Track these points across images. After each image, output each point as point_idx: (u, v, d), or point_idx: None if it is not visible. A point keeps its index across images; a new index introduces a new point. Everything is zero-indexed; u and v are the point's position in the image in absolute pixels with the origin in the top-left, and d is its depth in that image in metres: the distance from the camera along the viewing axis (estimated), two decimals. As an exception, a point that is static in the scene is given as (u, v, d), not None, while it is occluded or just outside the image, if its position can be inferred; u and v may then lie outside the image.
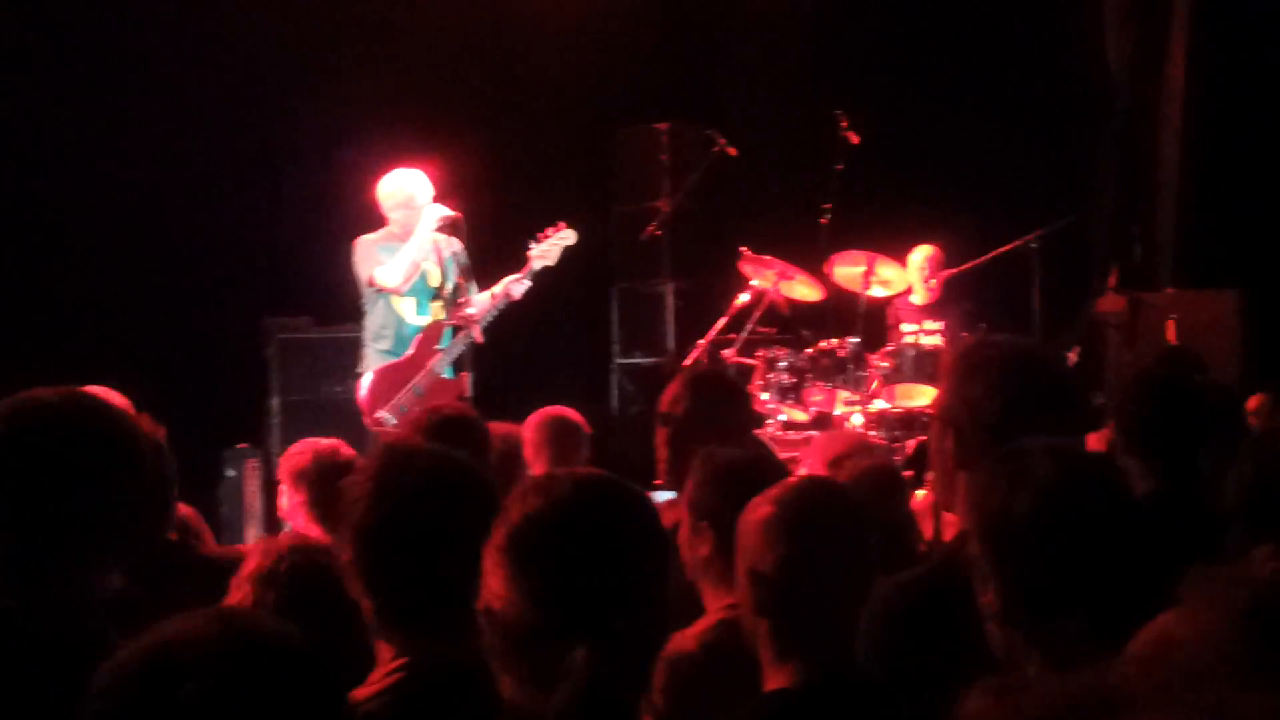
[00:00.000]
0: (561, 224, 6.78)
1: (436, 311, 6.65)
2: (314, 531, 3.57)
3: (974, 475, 1.93)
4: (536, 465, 4.66)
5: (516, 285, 6.64)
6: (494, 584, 1.85)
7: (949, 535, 3.19)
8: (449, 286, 6.66)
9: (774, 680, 2.22)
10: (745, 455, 2.95)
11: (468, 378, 6.62)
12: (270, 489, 7.57)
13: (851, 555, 2.24)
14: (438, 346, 6.60)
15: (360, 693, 2.18)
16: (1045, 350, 3.33)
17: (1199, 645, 1.07)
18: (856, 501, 2.35)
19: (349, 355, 6.85)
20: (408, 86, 8.67)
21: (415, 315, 6.65)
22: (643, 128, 9.68)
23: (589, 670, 1.76)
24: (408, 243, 6.54)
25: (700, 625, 2.67)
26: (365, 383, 6.56)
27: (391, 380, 6.52)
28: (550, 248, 6.71)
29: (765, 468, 2.84)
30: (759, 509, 2.27)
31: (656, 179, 9.50)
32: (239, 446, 7.77)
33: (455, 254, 6.69)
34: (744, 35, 9.94)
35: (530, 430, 4.79)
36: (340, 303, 7.33)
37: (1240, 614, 1.07)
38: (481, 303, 6.61)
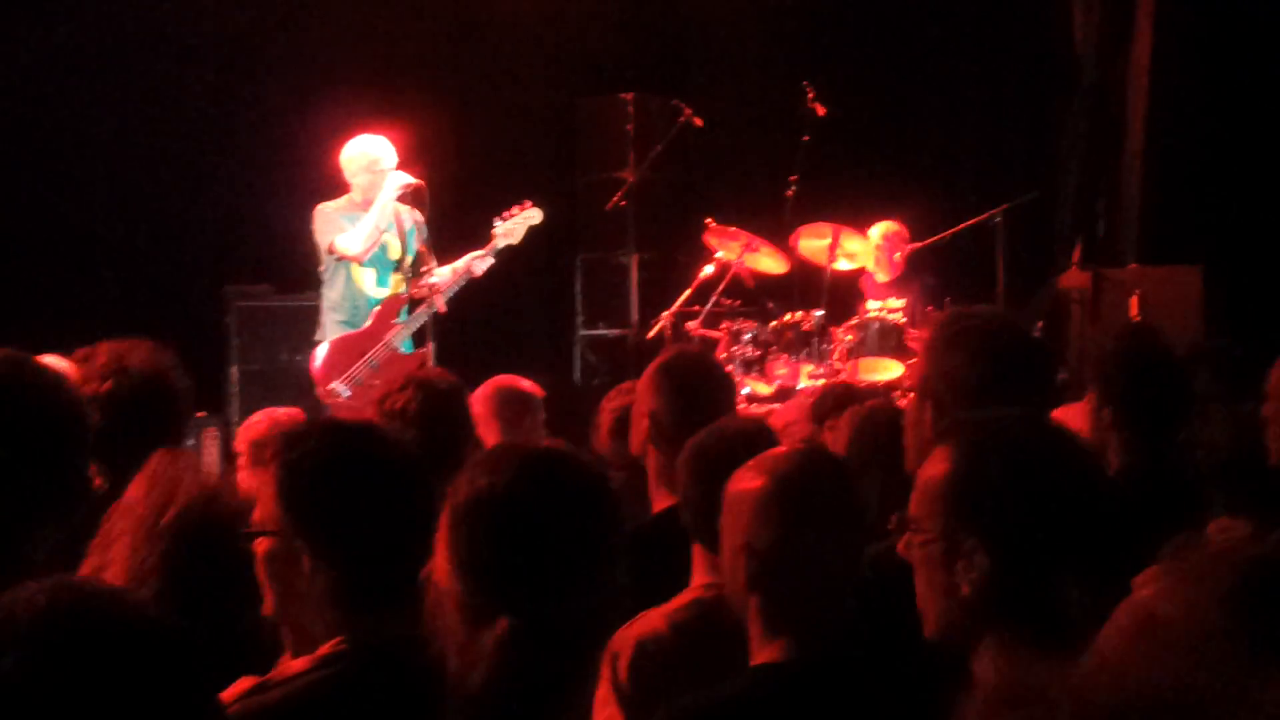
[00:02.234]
0: (527, 202, 6.73)
1: (396, 284, 6.59)
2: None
3: (952, 446, 1.89)
4: (486, 437, 4.58)
5: (479, 262, 6.59)
6: (439, 559, 1.84)
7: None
8: (409, 258, 6.59)
9: (762, 656, 2.18)
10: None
11: (428, 351, 6.56)
12: (229, 458, 7.51)
13: (846, 529, 2.21)
14: (395, 320, 6.54)
15: (296, 665, 2.14)
16: (1019, 323, 3.33)
17: (1182, 623, 1.05)
18: (851, 472, 2.32)
19: (309, 324, 6.78)
20: (371, 53, 8.59)
21: (375, 287, 6.59)
22: (608, 98, 9.62)
23: (504, 647, 1.75)
24: (369, 210, 6.46)
25: (672, 604, 2.63)
26: (320, 353, 6.50)
27: (347, 352, 6.46)
28: (515, 226, 6.67)
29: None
30: (752, 481, 2.22)
31: (621, 150, 9.44)
32: (197, 415, 7.68)
33: (417, 224, 6.62)
34: (710, 5, 9.87)
35: (478, 402, 4.68)
36: (300, 271, 7.26)
37: (1224, 591, 1.05)
38: (443, 275, 6.55)
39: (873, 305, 7.92)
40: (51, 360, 2.85)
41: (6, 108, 7.62)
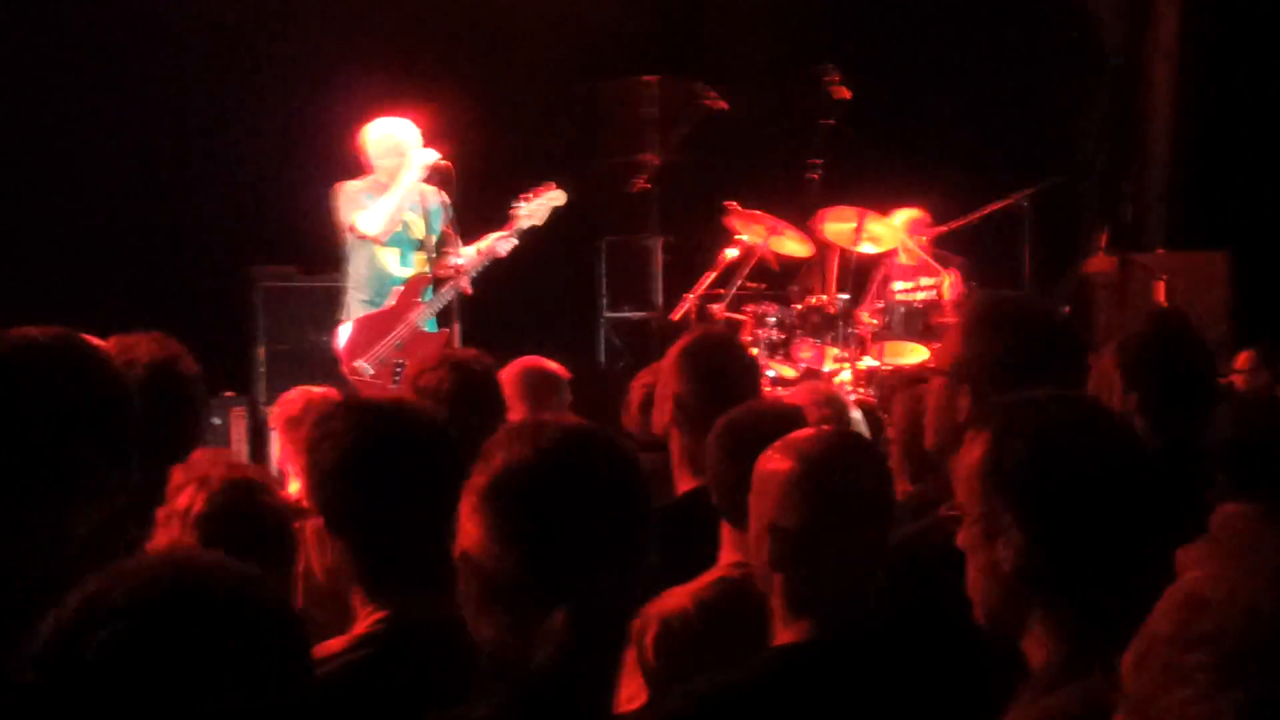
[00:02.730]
0: (550, 184, 6.72)
1: (420, 263, 6.60)
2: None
3: (988, 428, 1.89)
4: (513, 418, 4.60)
5: (503, 242, 6.58)
6: (471, 529, 1.79)
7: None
8: (434, 238, 6.60)
9: (785, 635, 2.20)
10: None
11: (451, 331, 6.58)
12: (256, 437, 7.54)
13: (873, 513, 2.21)
14: (419, 299, 6.55)
15: (336, 644, 2.16)
16: (1054, 307, 3.34)
17: (1230, 608, 1.05)
18: (880, 456, 2.32)
19: (334, 304, 6.80)
20: (394, 34, 8.59)
21: (398, 266, 6.60)
22: (631, 81, 9.60)
23: (569, 633, 1.73)
24: (391, 188, 6.46)
25: (698, 582, 2.64)
26: (343, 332, 6.52)
27: (371, 331, 6.48)
28: (538, 207, 6.66)
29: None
30: (781, 462, 2.22)
31: (644, 133, 9.43)
32: (225, 395, 7.72)
33: (443, 205, 6.63)
34: (734, -12, 9.85)
35: (505, 383, 4.69)
36: (326, 252, 7.27)
37: (1272, 576, 1.04)
38: (468, 256, 6.56)
39: (900, 286, 7.91)
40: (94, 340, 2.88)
41: (35, 90, 7.65)
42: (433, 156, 6.48)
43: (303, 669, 1.38)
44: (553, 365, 4.88)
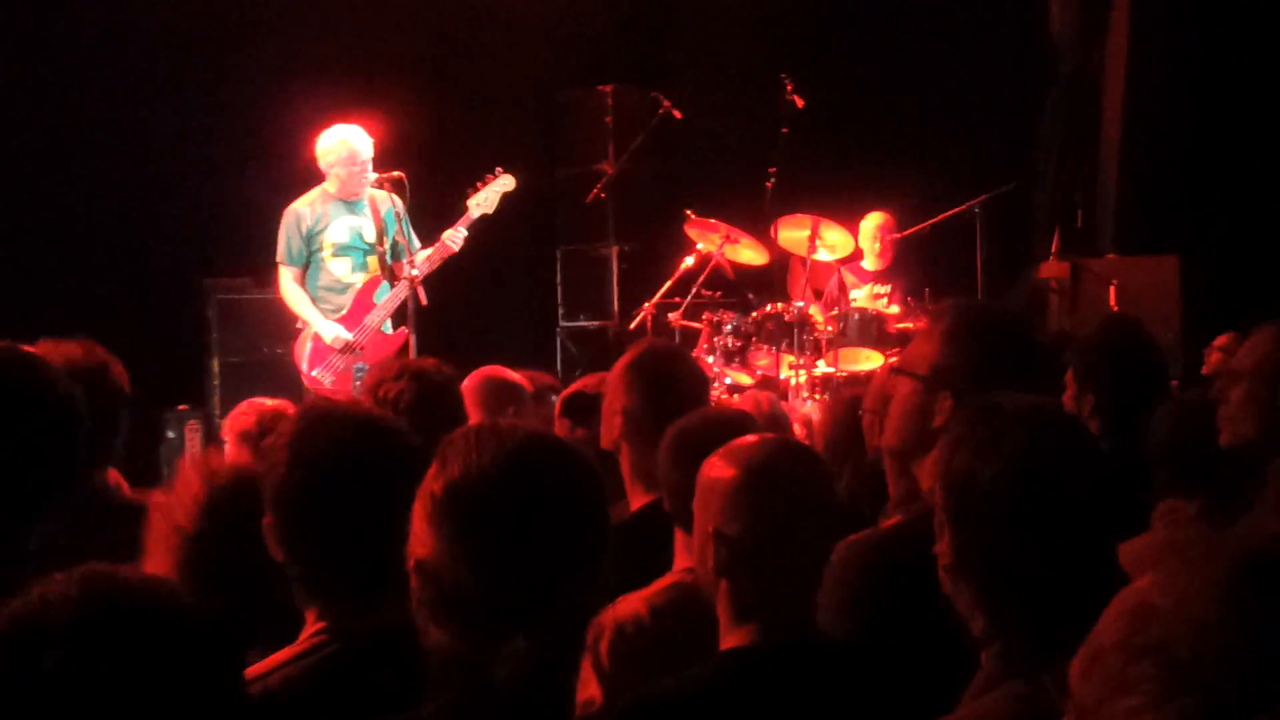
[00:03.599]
0: (499, 170, 6.74)
1: (373, 266, 6.61)
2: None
3: (949, 430, 1.92)
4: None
5: (453, 235, 6.59)
6: (425, 537, 1.75)
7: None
8: (386, 245, 6.60)
9: (732, 640, 2.21)
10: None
11: (407, 333, 6.57)
12: (210, 448, 7.49)
13: (816, 519, 2.23)
14: (373, 301, 6.58)
15: (277, 657, 2.13)
16: (1026, 316, 3.39)
17: (1176, 617, 1.05)
18: (823, 463, 2.33)
19: (289, 316, 6.78)
20: (350, 42, 8.57)
21: (350, 273, 6.62)
22: (587, 90, 9.62)
23: (532, 659, 1.71)
24: (312, 321, 6.48)
25: (652, 588, 2.65)
26: (302, 342, 6.55)
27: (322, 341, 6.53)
28: (489, 195, 6.68)
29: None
30: (724, 470, 2.23)
31: (601, 142, 9.44)
32: (179, 408, 7.68)
33: (396, 213, 6.63)
34: (690, -2, 9.89)
35: (465, 393, 4.66)
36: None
37: (1219, 583, 1.05)
38: (422, 261, 6.56)
39: (856, 294, 7.97)
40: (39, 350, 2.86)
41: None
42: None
43: (234, 684, 1.38)
44: (514, 375, 4.86)
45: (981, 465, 1.87)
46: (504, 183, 6.73)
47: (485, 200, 6.67)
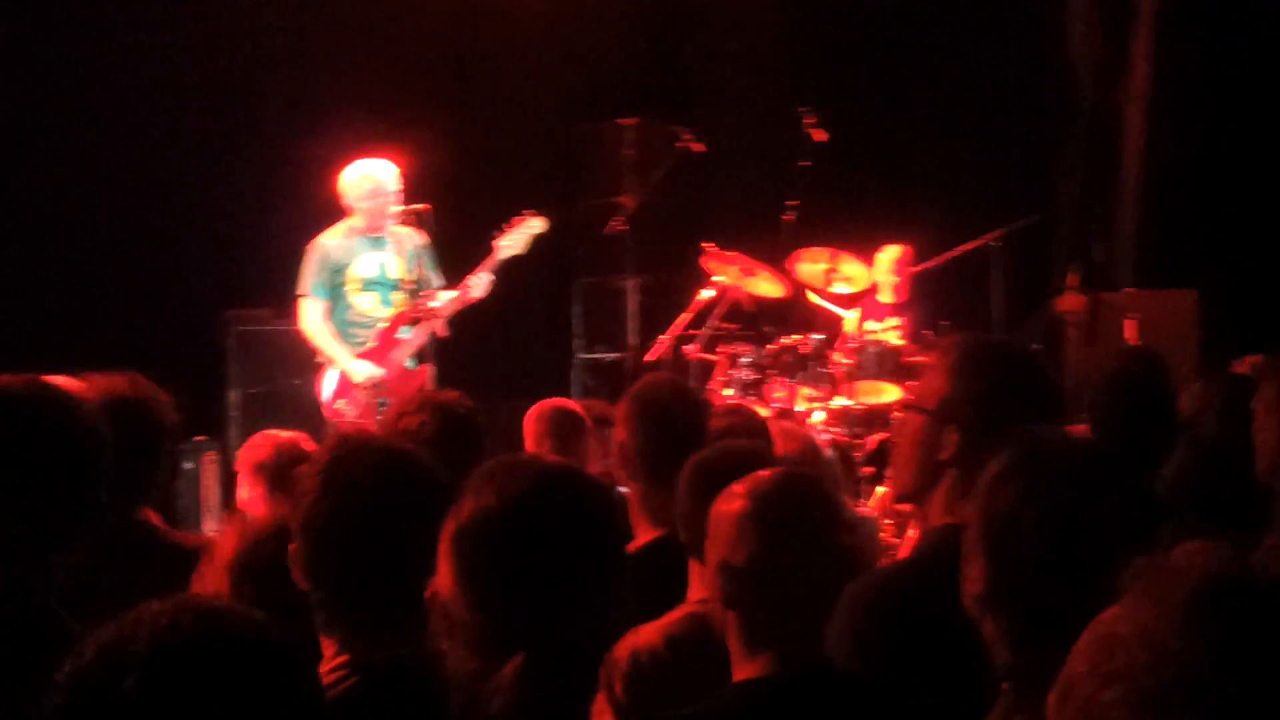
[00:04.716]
0: (529, 212, 6.74)
1: (399, 303, 6.62)
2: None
3: (989, 467, 1.94)
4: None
5: (477, 281, 6.58)
6: (442, 572, 1.78)
7: (915, 532, 3.18)
8: (413, 279, 6.62)
9: (743, 672, 2.20)
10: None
11: (429, 369, 6.59)
12: (228, 482, 7.50)
13: (826, 551, 2.23)
14: (398, 336, 6.58)
15: None
16: (1033, 349, 3.39)
17: (1140, 646, 1.08)
18: (833, 496, 2.34)
19: (307, 348, 6.80)
20: (369, 76, 8.63)
21: (376, 308, 6.62)
22: (607, 123, 9.66)
23: (524, 678, 1.71)
24: (336, 358, 6.47)
25: (667, 618, 2.65)
26: (327, 376, 6.55)
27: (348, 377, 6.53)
28: (518, 237, 6.66)
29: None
30: (733, 501, 2.24)
31: (620, 174, 9.48)
32: (196, 439, 7.69)
33: (420, 247, 6.65)
34: (711, 31, 9.94)
35: (531, 421, 4.70)
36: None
37: (1177, 610, 1.07)
38: (445, 299, 6.57)
39: (872, 326, 7.97)
40: (64, 381, 2.88)
41: (9, 132, 7.65)
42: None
43: (315, 708, 1.39)
44: (575, 405, 4.89)
45: (1025, 509, 1.88)
46: (534, 224, 6.69)
47: (514, 242, 6.64)
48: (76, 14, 7.83)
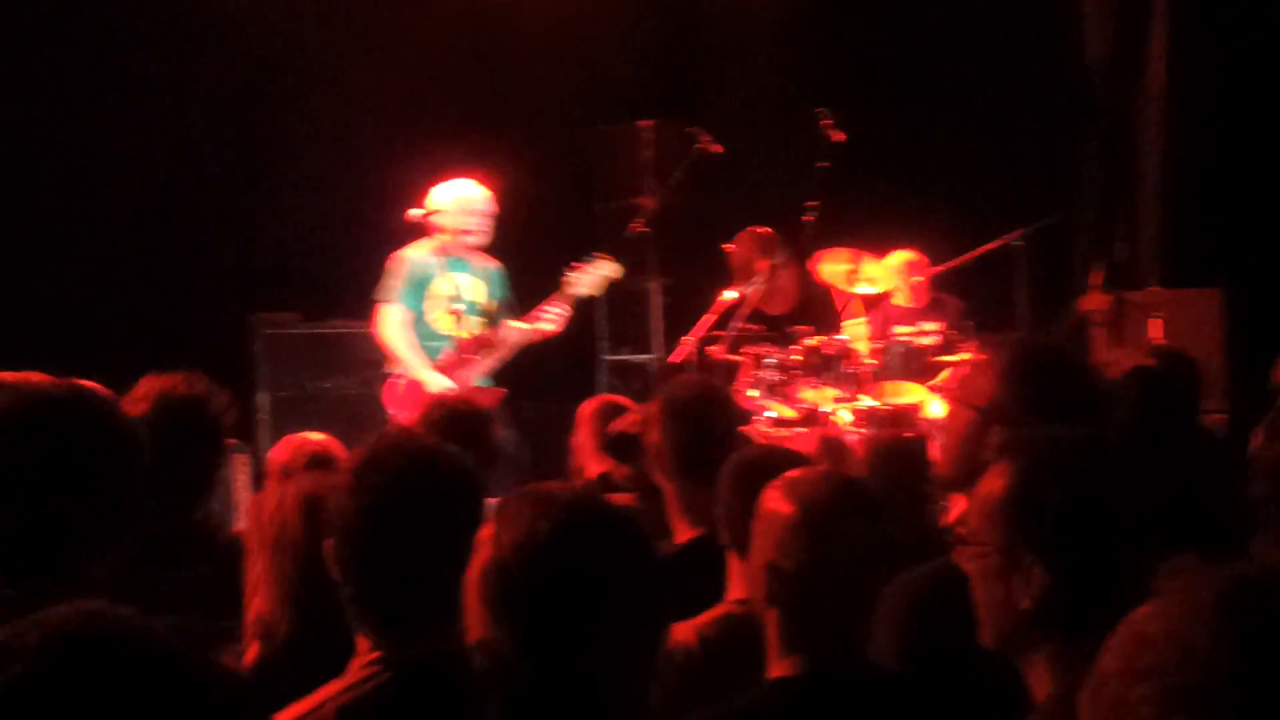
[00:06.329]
0: (600, 255, 6.69)
1: (474, 326, 6.58)
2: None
3: (1018, 463, 1.98)
4: (586, 453, 4.66)
5: (549, 313, 6.53)
6: (474, 614, 1.79)
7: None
8: (490, 304, 6.59)
9: (778, 670, 2.23)
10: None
11: (501, 392, 6.53)
12: (259, 485, 7.55)
13: (871, 554, 2.26)
14: (471, 355, 6.55)
15: (331, 687, 2.16)
16: (1081, 353, 3.43)
17: (1170, 642, 1.09)
18: (878, 499, 2.37)
19: (336, 351, 6.83)
20: (389, 83, 8.65)
21: (452, 328, 6.58)
22: (626, 125, 9.68)
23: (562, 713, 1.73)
24: (413, 367, 6.41)
25: (702, 618, 2.68)
26: (398, 386, 6.52)
27: (422, 389, 6.45)
28: (590, 278, 6.60)
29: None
30: (783, 504, 2.27)
31: (640, 177, 9.49)
32: (226, 442, 7.72)
33: (499, 271, 6.63)
34: (728, 33, 9.94)
35: (581, 418, 4.75)
36: (328, 299, 7.30)
37: (1207, 611, 1.10)
38: (515, 330, 6.53)
39: (900, 330, 7.96)
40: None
41: (40, 133, 7.70)
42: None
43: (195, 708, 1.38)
44: (626, 402, 4.93)
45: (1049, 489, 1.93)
46: (606, 268, 6.64)
47: (586, 282, 6.59)
48: (119, 18, 7.88)
